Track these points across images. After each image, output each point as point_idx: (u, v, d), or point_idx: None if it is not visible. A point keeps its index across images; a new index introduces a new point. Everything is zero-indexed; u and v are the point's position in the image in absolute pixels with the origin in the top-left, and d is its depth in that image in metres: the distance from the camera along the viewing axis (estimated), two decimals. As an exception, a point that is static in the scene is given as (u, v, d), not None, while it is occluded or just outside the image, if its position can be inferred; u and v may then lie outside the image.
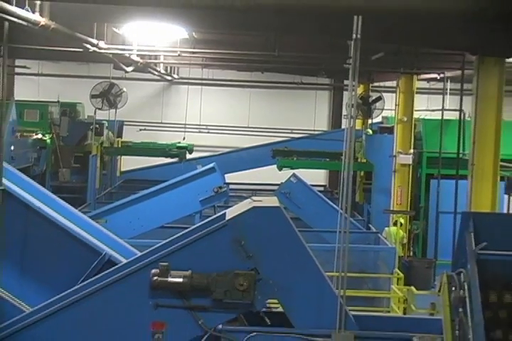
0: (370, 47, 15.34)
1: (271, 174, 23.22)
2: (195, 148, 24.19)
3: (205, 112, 30.10)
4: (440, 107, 20.41)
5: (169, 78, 28.19)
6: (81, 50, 15.84)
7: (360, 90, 23.28)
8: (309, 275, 8.07)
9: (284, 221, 8.06)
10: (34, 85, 28.64)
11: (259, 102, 30.70)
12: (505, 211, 19.70)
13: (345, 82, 27.21)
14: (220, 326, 8.04)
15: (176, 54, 18.79)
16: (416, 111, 20.88)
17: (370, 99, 23.31)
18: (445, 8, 7.73)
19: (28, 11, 10.49)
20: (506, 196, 20.52)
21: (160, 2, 8.13)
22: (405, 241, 19.35)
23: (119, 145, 24.00)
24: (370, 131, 23.11)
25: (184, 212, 14.89)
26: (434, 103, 24.78)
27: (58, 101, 23.28)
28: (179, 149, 23.42)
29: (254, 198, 8.62)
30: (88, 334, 8.01)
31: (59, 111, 22.85)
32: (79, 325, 8.00)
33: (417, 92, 20.70)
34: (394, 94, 21.21)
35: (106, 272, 8.40)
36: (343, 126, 27.46)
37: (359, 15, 8.27)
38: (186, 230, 8.57)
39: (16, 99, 21.16)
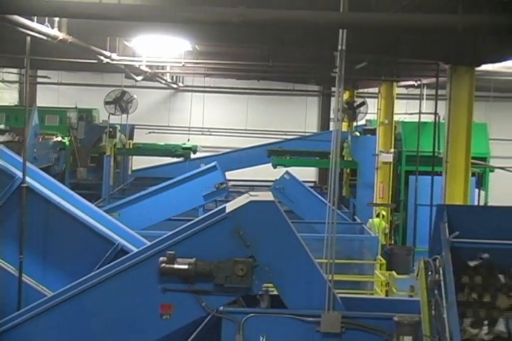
0: (354, 57, 15.34)
1: (266, 171, 23.17)
2: (198, 149, 24.16)
3: (208, 116, 30.05)
4: (417, 111, 20.43)
5: (175, 86, 28.13)
6: (95, 61, 15.79)
7: (345, 96, 23.21)
8: (301, 262, 8.08)
9: (278, 213, 8.07)
10: (54, 93, 28.52)
11: (256, 107, 30.65)
12: (476, 203, 19.72)
13: (333, 88, 27.18)
14: (221, 308, 8.06)
15: (181, 64, 18.75)
16: (396, 114, 20.82)
17: (355, 104, 23.23)
18: (420, 24, 7.74)
19: (47, 26, 10.48)
20: (477, 190, 20.55)
21: (166, 18, 8.11)
22: (387, 231, 19.32)
23: (131, 147, 23.99)
24: (358, 134, 23.07)
25: (189, 206, 14.86)
26: (412, 107, 24.74)
27: (76, 108, 23.22)
28: (184, 150, 23.37)
29: (252, 193, 8.63)
30: (103, 316, 8.02)
31: (76, 117, 22.79)
32: (95, 308, 8.01)
33: (396, 98, 20.67)
34: (376, 100, 21.19)
35: (119, 260, 8.42)
36: (330, 129, 27.42)
37: (344, 29, 8.28)
38: (191, 222, 8.57)
39: (38, 105, 21.13)
